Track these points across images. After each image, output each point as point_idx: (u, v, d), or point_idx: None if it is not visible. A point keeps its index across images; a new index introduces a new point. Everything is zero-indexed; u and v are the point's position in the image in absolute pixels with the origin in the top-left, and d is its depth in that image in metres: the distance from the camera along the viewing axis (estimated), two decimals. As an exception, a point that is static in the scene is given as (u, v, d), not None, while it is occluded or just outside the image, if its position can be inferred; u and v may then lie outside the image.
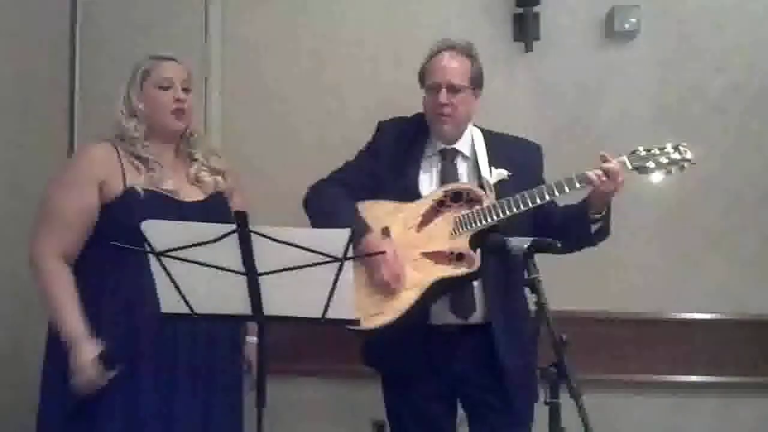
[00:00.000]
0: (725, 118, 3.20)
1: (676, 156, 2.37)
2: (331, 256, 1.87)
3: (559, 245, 2.08)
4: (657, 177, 2.37)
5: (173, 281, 1.93)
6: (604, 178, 2.31)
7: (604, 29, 3.24)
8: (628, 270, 3.18)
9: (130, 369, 2.23)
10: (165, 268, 1.91)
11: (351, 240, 1.87)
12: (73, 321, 2.25)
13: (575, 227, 2.43)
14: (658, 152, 2.37)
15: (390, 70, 3.26)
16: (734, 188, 3.20)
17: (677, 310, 3.19)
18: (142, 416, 2.23)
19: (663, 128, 3.11)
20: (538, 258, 2.06)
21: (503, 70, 3.21)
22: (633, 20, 3.17)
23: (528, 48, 3.22)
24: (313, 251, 1.86)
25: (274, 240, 1.86)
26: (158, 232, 1.90)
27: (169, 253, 1.89)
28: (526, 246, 2.05)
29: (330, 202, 2.53)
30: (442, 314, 2.45)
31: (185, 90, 2.43)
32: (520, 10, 3.22)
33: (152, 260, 1.91)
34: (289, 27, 3.37)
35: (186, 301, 1.95)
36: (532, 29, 3.22)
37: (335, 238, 1.87)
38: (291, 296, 1.94)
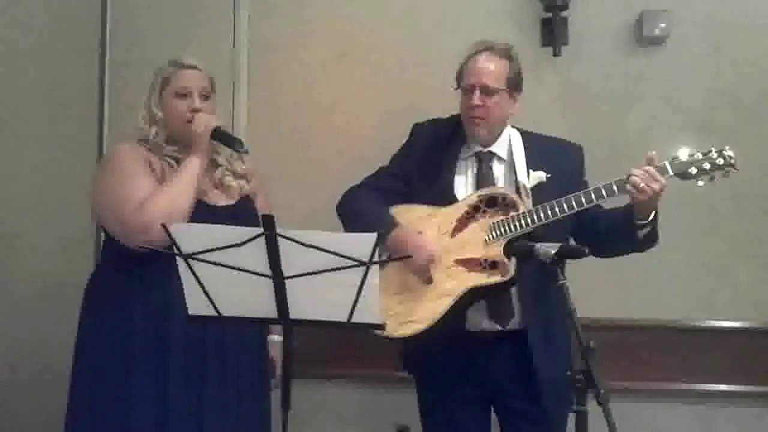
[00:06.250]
0: (757, 125, 3.15)
1: (721, 161, 2.28)
2: (357, 260, 1.87)
3: (586, 251, 2.07)
4: (700, 183, 2.30)
5: (200, 283, 1.94)
6: (641, 185, 2.25)
7: (634, 34, 3.21)
8: (656, 277, 3.15)
9: (161, 372, 2.24)
10: (192, 271, 1.92)
11: (378, 244, 1.86)
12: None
13: (622, 233, 2.38)
14: (701, 157, 2.29)
15: (416, 75, 3.27)
16: (765, 195, 3.15)
17: (706, 318, 3.15)
18: (172, 420, 2.23)
19: (693, 135, 3.07)
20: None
21: (531, 75, 3.14)
22: (663, 25, 3.14)
23: (556, 53, 3.20)
24: (339, 255, 1.86)
25: (301, 243, 1.86)
26: (186, 234, 1.91)
27: (196, 256, 1.90)
28: (553, 252, 2.03)
29: (360, 204, 2.53)
30: (480, 321, 2.43)
31: (204, 98, 2.43)
32: (548, 15, 3.20)
33: (180, 262, 1.92)
34: (315, 33, 3.38)
35: (213, 304, 1.96)
36: (560, 34, 3.20)
37: (362, 242, 1.86)
38: (317, 300, 1.94)
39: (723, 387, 3.12)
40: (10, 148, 3.01)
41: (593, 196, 2.32)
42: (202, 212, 2.30)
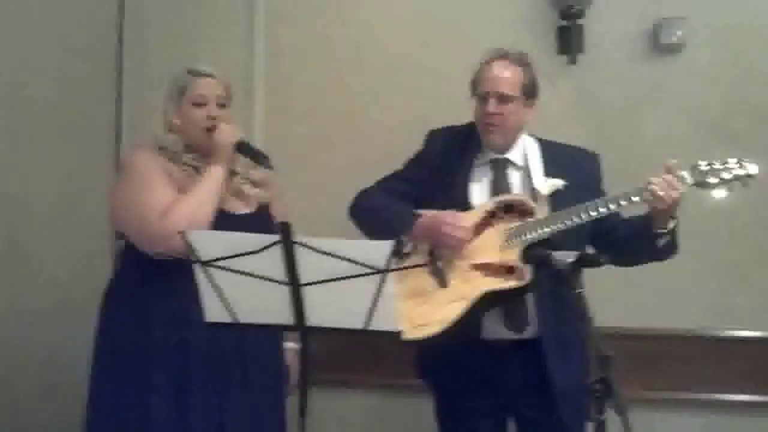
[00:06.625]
0: (774, 133, 3.14)
1: (740, 171, 2.26)
2: (373, 268, 1.87)
3: (604, 259, 2.05)
4: (719, 193, 2.28)
5: (218, 290, 1.94)
6: (660, 193, 2.24)
7: (651, 42, 3.20)
8: (673, 285, 3.12)
9: (181, 380, 2.24)
10: (210, 278, 1.93)
11: (393, 251, 1.86)
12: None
13: (641, 242, 2.37)
14: (720, 167, 2.27)
15: (431, 82, 3.27)
16: (782, 203, 3.13)
17: (723, 327, 3.13)
18: (193, 429, 2.23)
19: (709, 142, 3.07)
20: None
21: (547, 83, 3.14)
22: (680, 33, 3.13)
23: (572, 61, 3.20)
24: (355, 262, 1.86)
25: (317, 251, 1.86)
26: (204, 242, 1.92)
27: (214, 263, 1.91)
28: (570, 260, 2.02)
29: (377, 199, 2.54)
30: (496, 329, 2.42)
31: (221, 106, 2.43)
32: (564, 23, 3.20)
33: (198, 269, 1.93)
34: (330, 40, 3.40)
35: (230, 311, 1.97)
36: (576, 42, 3.20)
37: (378, 250, 1.87)
38: (333, 307, 1.94)
39: (742, 397, 3.09)
40: (27, 156, 3.02)
41: (611, 204, 2.30)
42: (222, 221, 2.31)
